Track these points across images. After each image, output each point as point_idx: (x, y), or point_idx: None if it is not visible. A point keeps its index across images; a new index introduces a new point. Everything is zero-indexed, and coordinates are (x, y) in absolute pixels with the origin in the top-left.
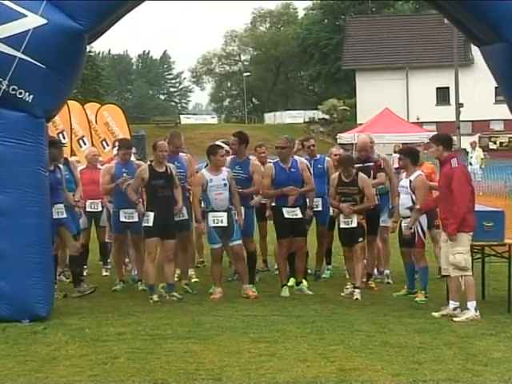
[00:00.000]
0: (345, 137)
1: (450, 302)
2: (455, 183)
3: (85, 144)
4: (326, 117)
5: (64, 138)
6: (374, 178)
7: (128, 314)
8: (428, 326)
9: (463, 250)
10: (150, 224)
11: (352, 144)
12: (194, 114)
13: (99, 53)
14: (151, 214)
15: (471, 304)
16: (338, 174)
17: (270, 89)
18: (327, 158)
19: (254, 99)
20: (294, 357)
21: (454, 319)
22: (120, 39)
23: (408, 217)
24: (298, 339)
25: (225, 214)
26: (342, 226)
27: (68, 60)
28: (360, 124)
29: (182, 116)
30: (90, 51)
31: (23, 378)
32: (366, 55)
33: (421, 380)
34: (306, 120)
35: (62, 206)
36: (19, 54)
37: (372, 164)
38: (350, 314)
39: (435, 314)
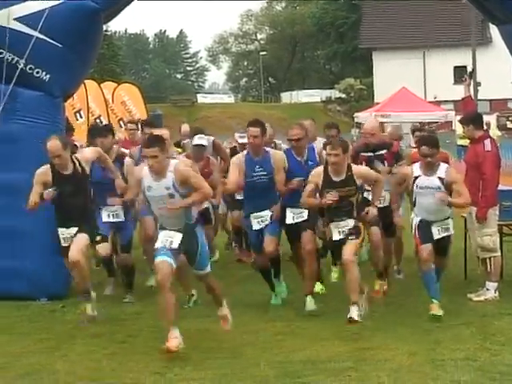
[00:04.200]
0: (362, 116)
1: (487, 283)
2: (488, 167)
3: (102, 123)
4: (343, 96)
5: (81, 117)
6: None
7: (146, 293)
8: (446, 305)
9: (491, 231)
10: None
11: None
12: (210, 93)
13: (115, 32)
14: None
15: (493, 285)
16: (322, 168)
17: (287, 68)
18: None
19: (270, 78)
20: (309, 336)
21: (473, 299)
22: (136, 18)
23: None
24: (314, 319)
25: (177, 235)
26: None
27: (84, 39)
28: (377, 103)
29: (198, 95)
30: (106, 30)
31: (42, 355)
32: (382, 34)
33: (438, 359)
34: (323, 99)
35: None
36: (36, 33)
37: (385, 152)
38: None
39: (472, 297)
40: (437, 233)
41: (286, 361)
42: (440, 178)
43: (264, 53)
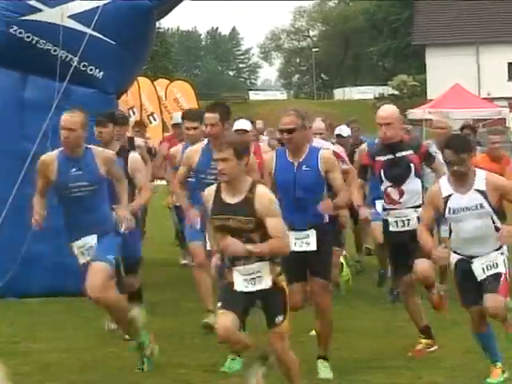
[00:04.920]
0: (415, 113)
1: None
2: None
3: (155, 120)
4: (396, 92)
5: (134, 114)
6: (417, 175)
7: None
8: None
9: None
10: None
11: (422, 120)
12: (262, 90)
13: (168, 29)
14: None
15: None
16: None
17: (339, 64)
18: None
19: (322, 75)
20: (361, 334)
21: None
22: (189, 16)
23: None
24: (365, 316)
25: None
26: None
27: (137, 36)
28: (430, 100)
29: (250, 92)
30: (159, 27)
31: (96, 351)
32: (436, 30)
33: None
34: (376, 96)
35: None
36: (89, 31)
37: (410, 153)
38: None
39: None
40: (481, 273)
41: (338, 358)
42: (480, 191)
43: (316, 49)
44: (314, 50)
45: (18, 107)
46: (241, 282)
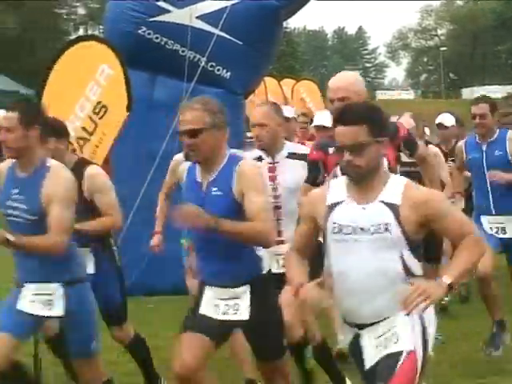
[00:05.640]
0: None
1: None
2: None
3: None
4: None
5: None
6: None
7: None
8: None
9: None
10: None
11: None
12: (389, 90)
13: (295, 29)
14: None
15: None
16: None
17: (467, 63)
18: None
19: (451, 74)
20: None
21: None
22: (315, 15)
23: None
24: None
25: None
26: None
27: (264, 36)
28: None
29: (377, 92)
30: (285, 27)
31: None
32: None
33: None
34: (504, 95)
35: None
36: (217, 31)
37: None
38: None
39: None
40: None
41: (467, 361)
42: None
43: (444, 48)
44: (441, 48)
45: (148, 107)
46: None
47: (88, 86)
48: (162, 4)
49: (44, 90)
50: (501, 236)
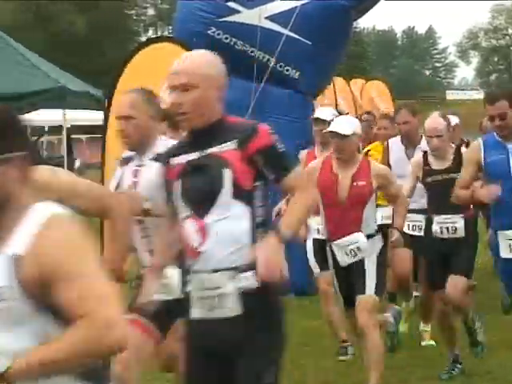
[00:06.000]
0: None
1: None
2: None
3: None
4: None
5: None
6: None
7: None
8: None
9: None
10: None
11: None
12: (459, 90)
13: (364, 29)
14: None
15: None
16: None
17: None
18: None
19: None
20: None
21: None
22: (385, 15)
23: None
24: None
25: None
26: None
27: (334, 36)
28: None
29: (448, 91)
30: (355, 27)
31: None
32: None
33: None
34: None
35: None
36: (286, 31)
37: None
38: None
39: None
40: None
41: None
42: None
43: None
44: None
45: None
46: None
47: (163, 88)
48: (231, 4)
49: (114, 90)
50: None
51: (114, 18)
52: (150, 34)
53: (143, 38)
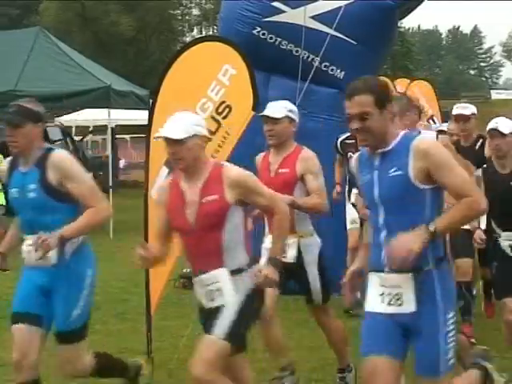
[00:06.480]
0: None
1: None
2: None
3: None
4: None
5: None
6: None
7: None
8: None
9: None
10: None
11: None
12: (504, 89)
13: (409, 28)
14: None
15: None
16: None
17: None
18: None
19: None
20: None
21: None
22: (430, 14)
23: None
24: None
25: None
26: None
27: (379, 36)
28: None
29: (493, 91)
30: (399, 27)
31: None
32: None
33: None
34: None
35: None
36: (331, 31)
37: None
38: None
39: None
40: None
41: None
42: None
43: None
44: None
45: (263, 107)
46: None
47: (210, 87)
48: (276, 4)
49: (160, 90)
50: None
51: (159, 19)
52: (195, 33)
53: (188, 38)
